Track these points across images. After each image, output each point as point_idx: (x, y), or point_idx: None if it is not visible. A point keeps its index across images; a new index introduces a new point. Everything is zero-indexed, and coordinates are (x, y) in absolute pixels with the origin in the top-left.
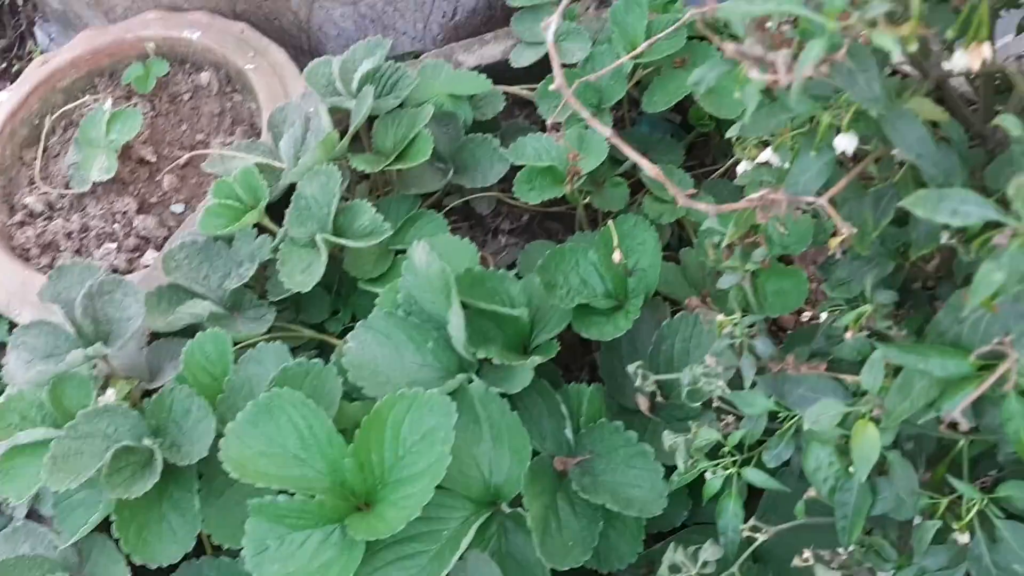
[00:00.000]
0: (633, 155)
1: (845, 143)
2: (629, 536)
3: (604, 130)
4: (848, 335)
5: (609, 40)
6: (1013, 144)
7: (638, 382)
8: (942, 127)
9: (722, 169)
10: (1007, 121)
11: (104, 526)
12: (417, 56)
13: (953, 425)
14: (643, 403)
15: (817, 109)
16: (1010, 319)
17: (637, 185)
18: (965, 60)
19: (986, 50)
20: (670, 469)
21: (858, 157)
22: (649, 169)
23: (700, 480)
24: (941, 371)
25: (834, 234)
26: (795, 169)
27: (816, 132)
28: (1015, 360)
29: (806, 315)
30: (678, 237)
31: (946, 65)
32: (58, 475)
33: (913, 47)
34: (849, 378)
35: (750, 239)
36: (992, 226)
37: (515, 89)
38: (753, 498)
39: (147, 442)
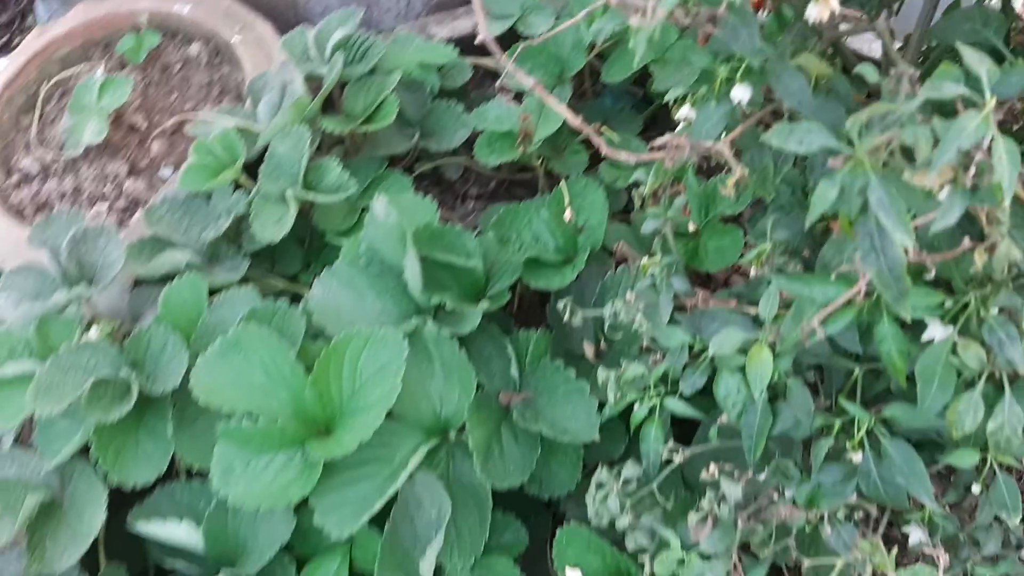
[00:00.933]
0: (559, 107)
1: (740, 93)
2: (569, 466)
3: (527, 80)
4: (752, 272)
5: (571, 14)
6: (883, 93)
7: (566, 317)
8: (831, 81)
9: None
10: (864, 70)
11: (84, 455)
12: None
13: (848, 354)
14: (588, 350)
15: (715, 63)
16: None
17: (599, 155)
18: (816, 11)
19: (833, 2)
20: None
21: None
22: (572, 119)
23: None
24: (822, 297)
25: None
26: (698, 119)
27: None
28: (865, 280)
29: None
30: (642, 200)
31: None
32: (42, 402)
33: None
34: (755, 310)
35: (675, 189)
36: None
37: (484, 60)
38: (689, 432)
39: (124, 374)
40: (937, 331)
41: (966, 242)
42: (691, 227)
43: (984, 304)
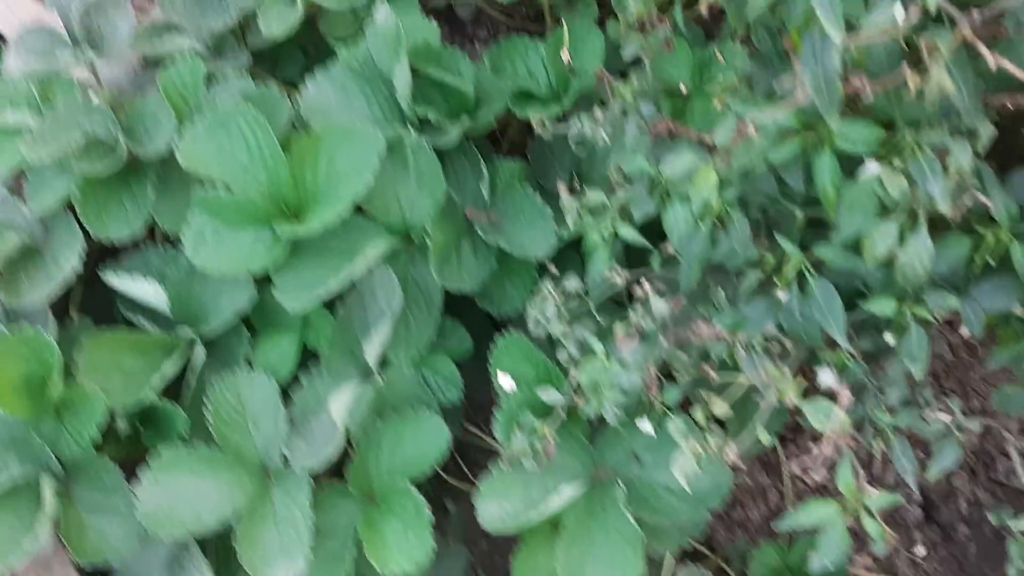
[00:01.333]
0: None
1: None
2: (522, 287)
3: None
4: (716, 102)
5: None
6: None
7: (538, 129)
8: None
9: None
10: None
11: (68, 213)
12: None
13: (795, 200)
14: (563, 190)
15: None
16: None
17: (608, 14)
18: None
19: None
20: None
21: None
22: None
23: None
24: (771, 122)
25: None
26: None
27: None
28: (806, 91)
29: None
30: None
31: None
32: (35, 150)
33: None
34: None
35: (662, 20)
36: None
37: None
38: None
39: (116, 134)
40: (873, 168)
41: (905, 71)
42: (683, 89)
43: (919, 144)
